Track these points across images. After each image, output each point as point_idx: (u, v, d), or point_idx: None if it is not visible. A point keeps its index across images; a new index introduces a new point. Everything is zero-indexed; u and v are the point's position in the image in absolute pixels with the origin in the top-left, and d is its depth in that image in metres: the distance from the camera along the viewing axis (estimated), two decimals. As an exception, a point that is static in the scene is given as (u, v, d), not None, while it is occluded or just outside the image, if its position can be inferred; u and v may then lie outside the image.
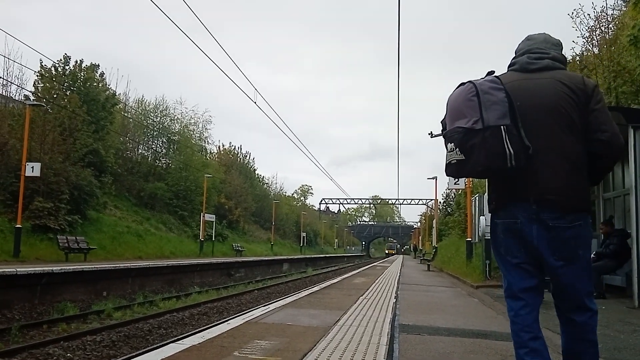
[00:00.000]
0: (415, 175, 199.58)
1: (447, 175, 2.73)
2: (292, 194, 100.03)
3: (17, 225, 18.48)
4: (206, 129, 46.77)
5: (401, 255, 79.80)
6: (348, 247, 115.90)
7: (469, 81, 2.63)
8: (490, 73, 2.71)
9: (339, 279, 15.27)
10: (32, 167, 18.92)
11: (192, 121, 45.19)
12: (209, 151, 52.11)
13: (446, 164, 2.65)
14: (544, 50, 2.80)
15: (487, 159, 2.47)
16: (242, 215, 52.89)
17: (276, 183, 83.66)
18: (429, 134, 2.97)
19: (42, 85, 30.95)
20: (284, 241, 67.85)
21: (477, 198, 17.64)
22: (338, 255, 76.97)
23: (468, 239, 17.79)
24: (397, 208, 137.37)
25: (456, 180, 17.84)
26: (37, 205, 20.94)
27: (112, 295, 16.42)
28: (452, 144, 2.58)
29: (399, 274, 18.43)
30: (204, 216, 35.45)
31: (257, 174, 68.39)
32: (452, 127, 2.58)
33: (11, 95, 30.35)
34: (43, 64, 31.15)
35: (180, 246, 32.89)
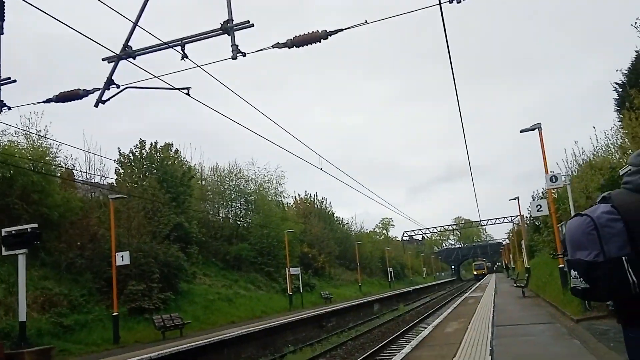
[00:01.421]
0: (496, 191, 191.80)
1: (574, 295, 2.80)
2: (374, 229, 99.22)
3: (114, 313, 19.48)
4: (280, 184, 47.84)
5: (493, 275, 76.28)
6: (437, 273, 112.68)
7: (586, 214, 2.70)
8: (605, 198, 2.77)
9: (430, 327, 14.72)
10: (122, 257, 20.06)
11: (266, 179, 46.53)
12: (286, 204, 53.16)
13: (572, 287, 2.75)
14: None
15: (612, 289, 2.57)
16: (326, 261, 53.09)
17: (355, 223, 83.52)
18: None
19: (123, 171, 33.17)
20: (371, 279, 67.19)
21: (562, 226, 16.69)
22: (428, 284, 75.03)
23: (560, 266, 16.70)
24: (483, 228, 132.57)
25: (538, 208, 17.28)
26: (131, 289, 22.08)
27: (210, 370, 16.78)
28: (576, 272, 2.69)
29: (492, 310, 17.51)
30: (289, 270, 35.86)
31: (336, 217, 68.77)
32: (574, 258, 2.67)
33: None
34: (121, 151, 33.48)
35: (270, 303, 33.32)
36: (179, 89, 9.05)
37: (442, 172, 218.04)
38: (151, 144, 34.00)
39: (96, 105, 8.90)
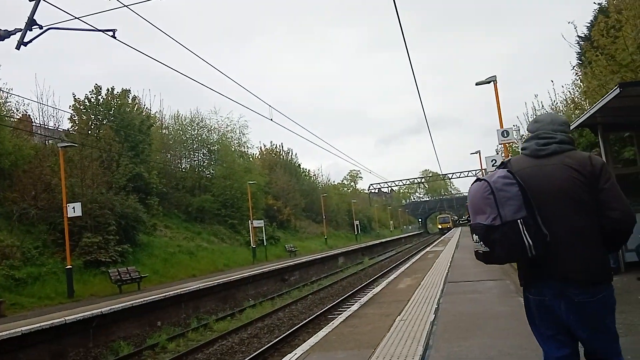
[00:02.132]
0: (466, 143, 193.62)
1: (478, 259, 2.97)
2: (342, 181, 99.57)
3: (68, 266, 19.03)
4: (243, 134, 47.03)
5: (459, 229, 77.94)
6: (405, 226, 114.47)
7: (484, 179, 2.84)
8: (504, 164, 2.96)
9: (384, 283, 14.84)
10: (74, 208, 19.43)
11: (229, 129, 45.62)
12: (251, 155, 52.48)
13: (475, 251, 2.96)
14: (551, 135, 2.95)
15: (509, 252, 2.72)
16: (292, 214, 53.12)
17: (322, 175, 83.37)
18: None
19: (77, 118, 31.90)
20: (338, 232, 67.66)
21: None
22: (395, 237, 75.75)
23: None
24: (450, 181, 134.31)
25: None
26: (86, 241, 21.57)
27: (166, 324, 16.65)
28: (477, 236, 2.86)
29: (449, 265, 17.76)
30: (252, 223, 35.70)
31: (303, 169, 68.48)
32: (475, 222, 2.80)
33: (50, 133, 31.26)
34: (76, 97, 32.08)
35: (234, 256, 33.24)
36: (103, 30, 8.45)
37: (413, 124, 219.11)
38: (107, 89, 32.67)
39: (17, 47, 8.23)
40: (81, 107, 31.93)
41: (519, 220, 2.66)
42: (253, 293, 24.00)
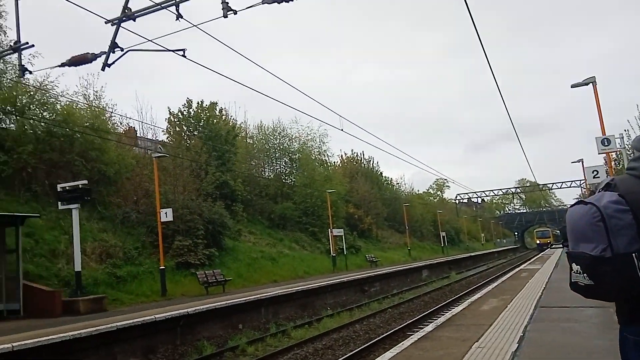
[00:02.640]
0: (569, 150, 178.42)
1: (575, 292, 2.61)
2: (428, 190, 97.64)
3: (161, 267, 20.68)
4: (323, 142, 47.88)
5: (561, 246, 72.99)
6: (498, 240, 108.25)
7: (591, 202, 2.49)
8: (609, 185, 2.54)
9: (466, 303, 14.56)
10: (166, 213, 21.05)
11: (309, 137, 46.66)
12: (331, 163, 53.19)
13: (572, 282, 2.55)
14: None
15: (620, 288, 2.39)
16: (373, 223, 53.09)
17: (405, 183, 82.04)
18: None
19: (172, 130, 34.42)
20: (422, 243, 65.99)
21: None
22: (486, 252, 71.42)
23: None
24: (551, 192, 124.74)
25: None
26: (178, 244, 23.25)
27: (247, 327, 17.57)
28: (579, 267, 2.49)
29: (543, 287, 16.76)
30: (332, 231, 36.37)
31: (385, 177, 68.05)
32: (577, 250, 2.48)
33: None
34: (171, 110, 34.64)
35: (314, 264, 34.04)
36: (174, 50, 9.31)
37: (505, 130, 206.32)
38: (197, 103, 34.92)
39: (102, 69, 9.25)
40: (175, 120, 34.45)
41: (633, 254, 2.33)
42: (332, 302, 24.45)
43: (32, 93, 22.45)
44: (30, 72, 10.33)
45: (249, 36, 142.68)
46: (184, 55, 9.38)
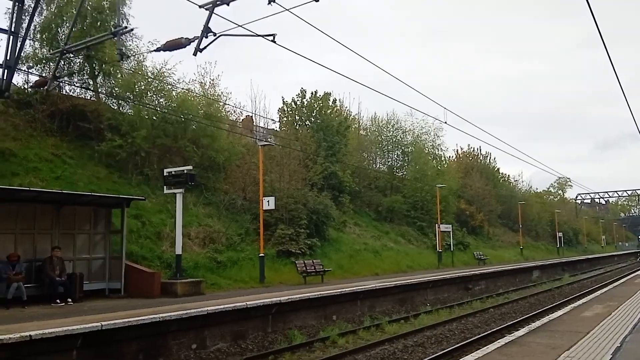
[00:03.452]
0: None
1: None
2: (548, 188, 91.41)
3: (260, 254, 20.92)
4: (438, 136, 46.22)
5: None
6: (620, 243, 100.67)
7: None
8: None
9: (567, 308, 13.21)
10: (268, 201, 21.23)
11: (424, 131, 45.26)
12: (445, 158, 51.42)
13: None
14: None
15: None
16: (485, 220, 50.78)
17: (522, 181, 77.77)
18: None
19: (285, 119, 34.98)
20: (537, 243, 62.85)
21: None
22: (606, 255, 67.50)
23: None
24: None
25: None
26: (280, 233, 23.46)
27: (341, 319, 17.21)
28: None
29: None
30: (439, 227, 35.03)
31: (502, 174, 64.93)
32: None
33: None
34: (284, 100, 35.21)
35: (419, 259, 33.04)
36: (263, 35, 8.94)
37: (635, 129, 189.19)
38: (312, 93, 35.06)
39: (194, 54, 9.11)
40: (288, 109, 34.98)
41: None
42: (432, 299, 23.52)
43: (150, 80, 23.71)
44: (129, 57, 10.66)
45: (369, 28, 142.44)
46: (273, 41, 9.10)
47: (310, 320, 16.38)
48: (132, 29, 9.68)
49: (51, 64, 23.04)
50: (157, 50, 9.90)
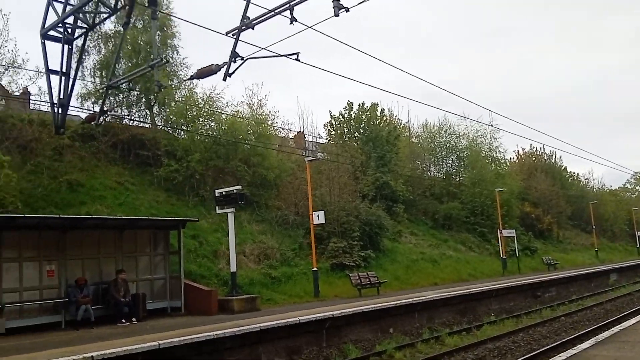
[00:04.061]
0: None
1: None
2: (624, 185, 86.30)
3: (314, 268, 21.07)
4: (495, 138, 44.87)
5: None
6: None
7: None
8: None
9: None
10: (318, 216, 21.40)
11: (479, 134, 44.11)
12: (504, 160, 49.75)
13: None
14: None
15: None
16: (554, 222, 48.65)
17: (593, 179, 73.47)
18: None
19: (334, 132, 35.24)
20: (614, 244, 59.26)
21: None
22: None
23: None
24: None
25: None
26: (333, 246, 23.55)
27: (398, 332, 16.99)
28: None
29: None
30: (501, 233, 33.92)
31: (570, 172, 61.91)
32: None
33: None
34: (332, 114, 35.50)
35: (481, 266, 32.11)
36: (287, 55, 9.11)
37: None
38: (359, 105, 35.17)
39: (224, 79, 9.39)
40: (336, 123, 35.22)
41: None
42: (497, 308, 22.77)
43: (200, 106, 24.69)
44: (165, 87, 11.15)
45: (419, 33, 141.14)
46: (297, 59, 9.29)
47: (366, 334, 16.29)
48: (167, 62, 10.17)
49: (111, 98, 24.55)
50: (191, 78, 10.32)
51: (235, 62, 9.22)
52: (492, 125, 17.76)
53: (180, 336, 11.41)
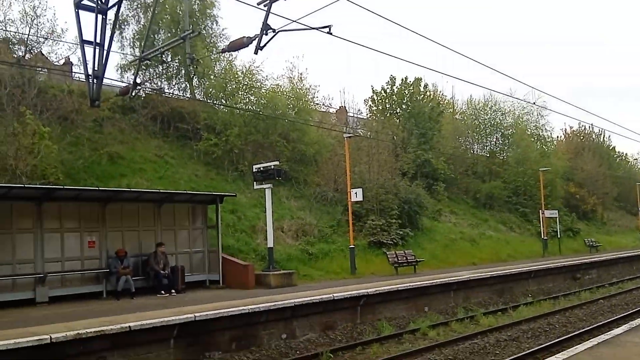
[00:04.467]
0: None
1: None
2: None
3: (350, 245, 21.04)
4: (542, 116, 43.34)
5: None
6: None
7: None
8: None
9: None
10: (356, 193, 21.27)
11: (525, 111, 42.68)
12: (550, 139, 48.12)
13: None
14: None
15: None
16: (599, 204, 47.04)
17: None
18: None
19: (375, 107, 34.73)
20: (662, 226, 56.97)
21: None
22: None
23: None
24: None
25: None
26: (371, 224, 23.44)
27: (433, 310, 16.90)
28: None
29: None
30: (543, 213, 33.05)
31: (618, 152, 59.49)
32: None
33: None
34: (374, 88, 34.95)
35: (521, 247, 31.50)
36: (318, 28, 8.88)
37: None
38: (402, 79, 34.43)
39: (255, 52, 9.19)
40: (377, 98, 34.67)
41: None
42: (535, 289, 22.42)
43: (240, 79, 24.63)
44: (197, 60, 11.06)
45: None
46: (329, 32, 9.07)
47: (400, 312, 16.25)
48: (198, 33, 10.07)
49: (151, 70, 24.75)
50: (222, 51, 10.24)
51: (267, 34, 9.04)
52: (535, 104, 17.07)
53: (216, 309, 11.60)
